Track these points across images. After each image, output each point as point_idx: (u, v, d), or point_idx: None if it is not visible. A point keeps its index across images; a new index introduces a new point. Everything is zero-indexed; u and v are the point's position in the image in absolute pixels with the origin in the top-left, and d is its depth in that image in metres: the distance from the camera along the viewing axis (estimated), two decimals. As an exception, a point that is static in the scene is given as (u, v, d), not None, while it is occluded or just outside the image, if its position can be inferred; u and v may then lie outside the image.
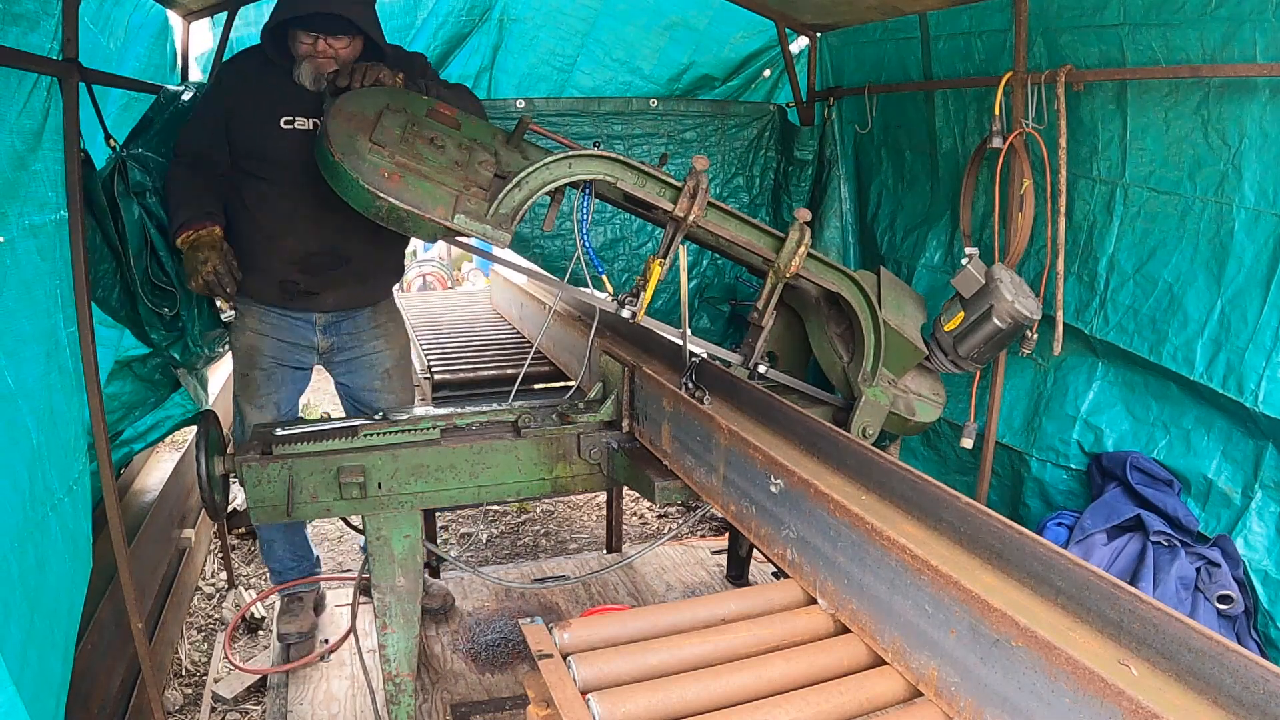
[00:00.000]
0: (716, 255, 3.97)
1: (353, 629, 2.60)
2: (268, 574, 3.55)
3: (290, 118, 2.71)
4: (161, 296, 2.70)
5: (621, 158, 2.39)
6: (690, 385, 2.29)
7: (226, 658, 3.50)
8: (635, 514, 5.21)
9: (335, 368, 3.07)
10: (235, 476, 2.34)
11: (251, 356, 2.90)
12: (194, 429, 3.28)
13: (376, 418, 2.53)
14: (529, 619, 1.56)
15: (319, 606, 3.42)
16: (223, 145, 2.72)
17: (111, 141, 2.40)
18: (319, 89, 2.62)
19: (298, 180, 2.68)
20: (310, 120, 2.70)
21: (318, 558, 3.43)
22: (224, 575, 4.19)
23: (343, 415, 3.10)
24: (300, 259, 2.80)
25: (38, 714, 1.68)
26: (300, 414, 3.25)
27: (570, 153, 2.37)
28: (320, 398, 6.74)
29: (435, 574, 3.55)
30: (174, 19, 3.24)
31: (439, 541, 4.42)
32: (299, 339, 2.93)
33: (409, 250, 11.35)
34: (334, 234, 2.80)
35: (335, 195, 2.54)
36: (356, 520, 2.61)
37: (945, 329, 2.78)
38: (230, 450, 2.46)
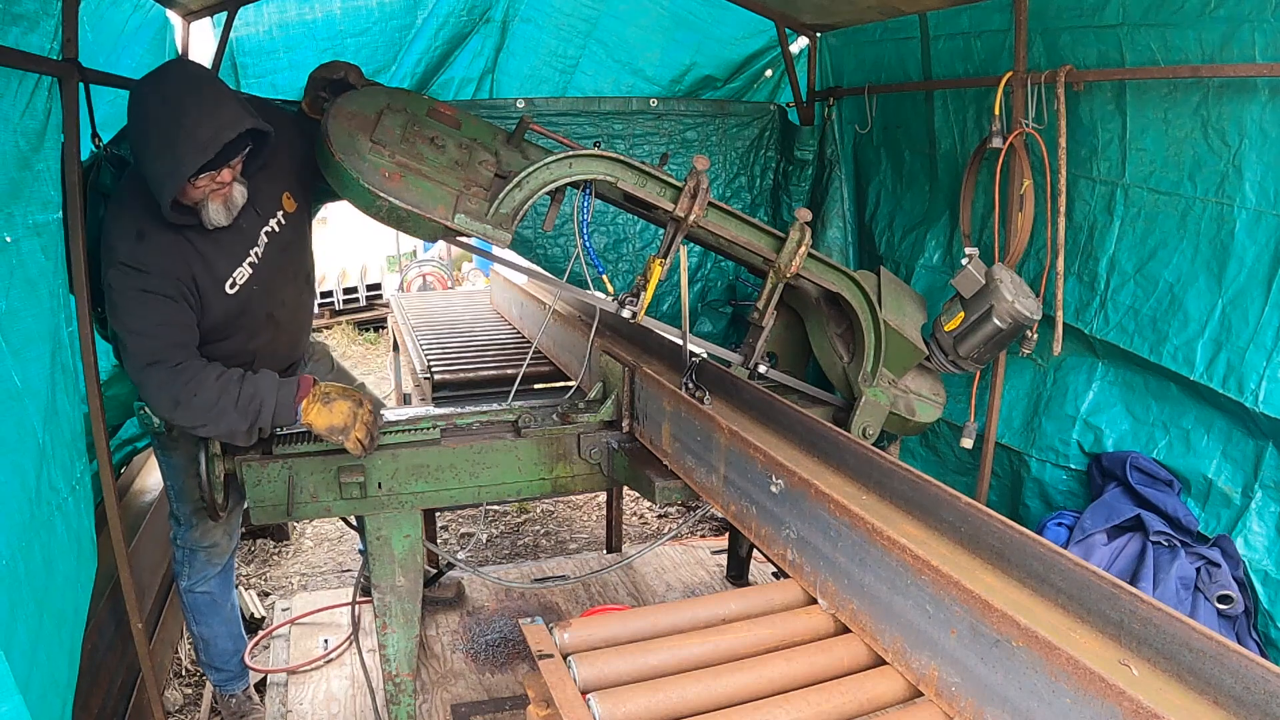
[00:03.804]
0: (720, 259, 3.98)
1: (354, 633, 2.59)
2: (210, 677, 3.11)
3: (231, 280, 2.37)
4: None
5: (622, 157, 2.39)
6: (690, 385, 2.29)
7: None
8: (635, 514, 5.21)
9: None
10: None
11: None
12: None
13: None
14: (529, 619, 1.56)
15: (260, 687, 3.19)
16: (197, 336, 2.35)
17: (97, 140, 2.37)
18: (231, 220, 2.30)
19: (257, 322, 2.49)
20: (245, 265, 2.40)
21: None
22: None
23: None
24: None
25: (45, 715, 1.68)
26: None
27: (571, 152, 2.37)
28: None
29: (441, 575, 3.54)
30: (174, 19, 3.24)
31: (439, 541, 4.42)
32: None
33: (409, 250, 11.46)
34: (293, 346, 2.70)
35: (285, 308, 2.54)
36: (355, 520, 2.61)
37: (945, 329, 2.78)
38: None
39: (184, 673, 3.54)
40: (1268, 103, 2.21)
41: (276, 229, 2.47)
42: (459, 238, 2.46)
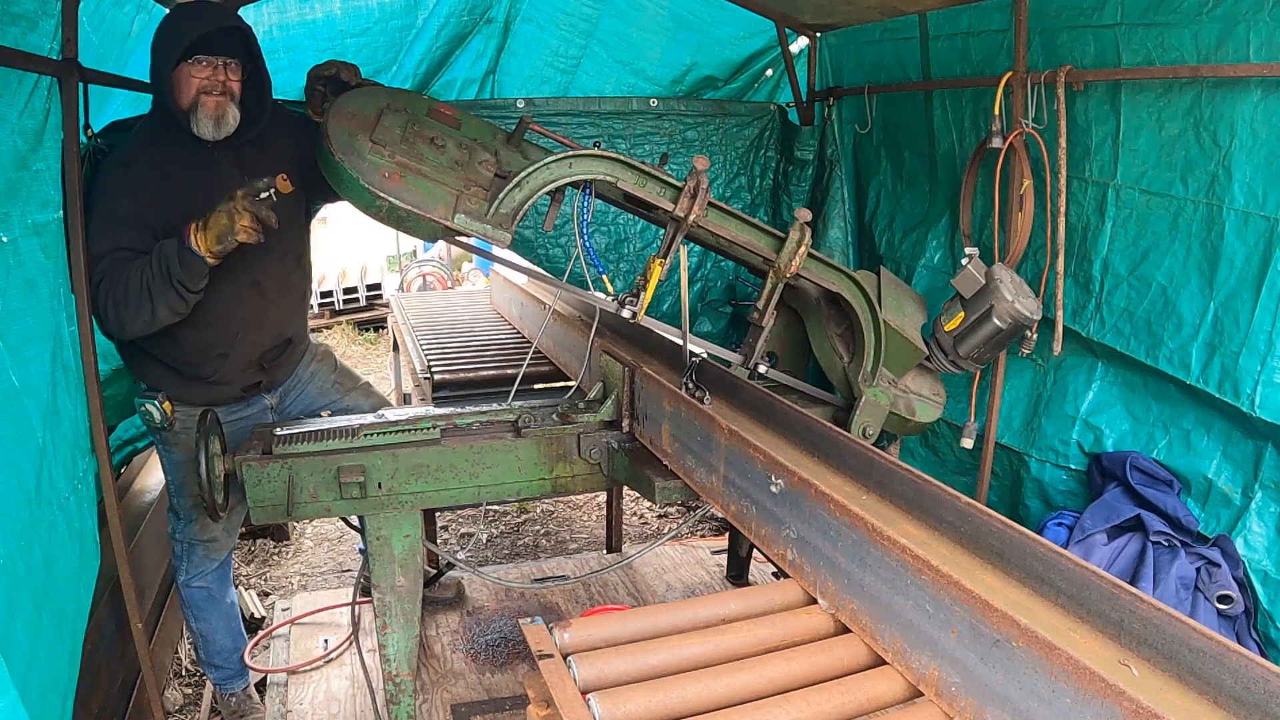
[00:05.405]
0: (720, 259, 3.98)
1: (354, 633, 2.59)
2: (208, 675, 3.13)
3: None
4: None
5: (622, 157, 2.39)
6: (690, 385, 2.29)
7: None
8: (635, 514, 5.21)
9: (289, 411, 2.91)
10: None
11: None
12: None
13: (376, 417, 2.54)
14: (529, 619, 1.56)
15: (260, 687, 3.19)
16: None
17: (89, 131, 2.38)
18: (219, 136, 2.41)
19: (239, 288, 2.52)
20: None
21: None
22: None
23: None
24: (257, 361, 2.70)
25: (44, 715, 1.69)
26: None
27: (571, 152, 2.37)
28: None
29: (441, 575, 3.54)
30: (174, 19, 3.24)
31: (439, 541, 4.42)
32: (258, 419, 2.77)
33: (409, 250, 11.46)
34: (282, 324, 2.71)
35: (271, 279, 2.59)
36: (356, 520, 2.61)
37: (945, 329, 2.78)
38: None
39: (184, 673, 3.54)
40: (1260, 103, 2.21)
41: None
42: (459, 238, 2.46)
